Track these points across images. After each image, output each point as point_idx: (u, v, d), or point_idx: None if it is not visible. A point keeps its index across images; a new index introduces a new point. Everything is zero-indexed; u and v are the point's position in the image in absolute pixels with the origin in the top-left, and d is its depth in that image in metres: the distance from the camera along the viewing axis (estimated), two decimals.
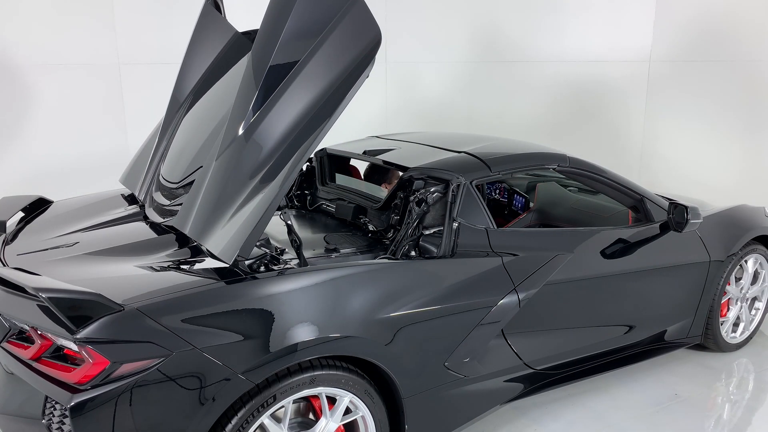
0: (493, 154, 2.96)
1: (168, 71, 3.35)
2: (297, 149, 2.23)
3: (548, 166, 3.04)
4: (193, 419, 1.94)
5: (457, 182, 2.67)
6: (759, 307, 3.85)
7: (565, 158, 3.08)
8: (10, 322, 2.07)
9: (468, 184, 2.68)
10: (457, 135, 3.60)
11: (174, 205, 2.65)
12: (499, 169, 2.87)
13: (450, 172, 2.74)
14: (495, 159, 2.91)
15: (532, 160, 3.05)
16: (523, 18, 5.99)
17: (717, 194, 4.57)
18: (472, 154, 2.95)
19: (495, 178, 2.88)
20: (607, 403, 3.19)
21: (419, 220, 2.65)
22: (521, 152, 3.08)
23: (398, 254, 2.59)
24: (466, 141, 3.24)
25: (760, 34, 4.84)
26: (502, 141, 3.35)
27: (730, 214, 3.64)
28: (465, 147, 3.06)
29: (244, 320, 2.05)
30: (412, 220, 2.65)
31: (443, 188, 2.70)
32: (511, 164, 2.97)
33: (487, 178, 2.84)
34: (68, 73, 4.93)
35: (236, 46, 2.79)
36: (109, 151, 5.16)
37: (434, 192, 2.68)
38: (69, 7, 4.85)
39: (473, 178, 2.76)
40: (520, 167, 3.02)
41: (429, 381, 2.47)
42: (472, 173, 2.77)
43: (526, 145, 3.24)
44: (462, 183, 2.67)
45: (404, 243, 2.62)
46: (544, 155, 3.08)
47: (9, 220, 2.84)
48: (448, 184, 2.68)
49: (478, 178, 2.78)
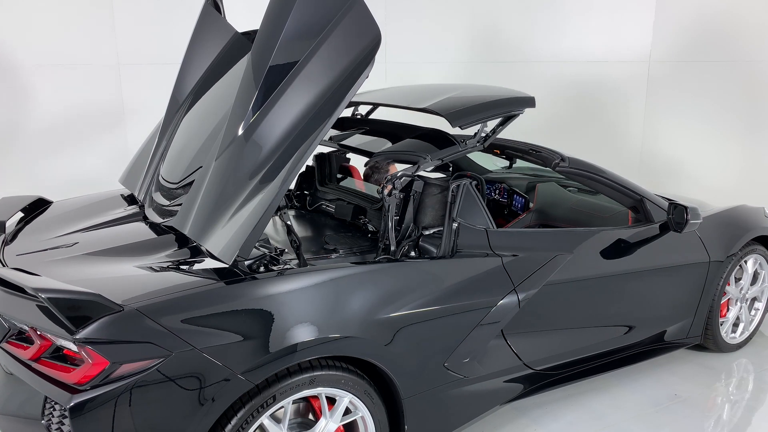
0: (452, 108, 2.70)
1: (168, 71, 3.35)
2: (297, 149, 2.23)
3: (516, 112, 2.81)
4: (192, 420, 1.94)
5: (457, 183, 2.67)
6: (759, 308, 3.85)
7: (533, 101, 2.84)
8: (10, 322, 2.07)
9: (468, 184, 2.68)
10: (420, 89, 3.36)
11: (173, 206, 2.65)
12: (461, 123, 2.63)
13: (415, 153, 2.68)
14: (455, 113, 2.66)
15: (498, 108, 2.78)
16: (523, 18, 5.99)
17: (717, 194, 4.57)
18: (431, 110, 2.74)
19: (461, 152, 2.73)
20: (607, 403, 3.19)
21: (401, 215, 2.62)
22: (482, 102, 2.80)
23: (397, 254, 2.59)
24: (428, 95, 2.98)
25: (760, 34, 4.84)
26: (468, 89, 3.10)
27: (729, 215, 3.64)
28: (425, 102, 2.84)
29: (244, 321, 2.05)
30: (391, 215, 2.58)
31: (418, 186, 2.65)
32: (473, 116, 2.69)
33: (454, 153, 2.71)
34: (68, 73, 4.93)
35: (236, 47, 2.79)
36: (108, 151, 5.17)
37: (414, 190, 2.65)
38: (69, 7, 4.85)
39: (440, 156, 2.68)
40: (483, 118, 2.73)
41: (429, 381, 2.47)
42: (437, 152, 2.68)
43: (494, 92, 2.98)
44: (462, 183, 2.67)
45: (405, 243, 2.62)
46: (511, 100, 2.83)
47: (8, 220, 2.84)
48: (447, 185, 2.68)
49: (445, 156, 2.70)
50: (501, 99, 2.84)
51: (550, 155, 3.10)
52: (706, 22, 5.12)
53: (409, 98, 3.10)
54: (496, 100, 2.82)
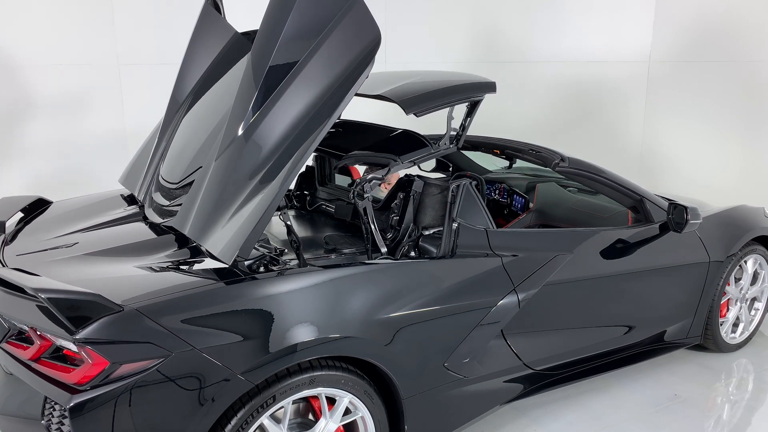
0: (406, 94, 2.59)
1: (168, 71, 3.35)
2: (297, 149, 2.23)
3: (477, 98, 2.70)
4: (192, 420, 1.94)
5: (456, 183, 2.66)
6: (758, 308, 3.85)
7: (494, 86, 2.74)
8: (10, 322, 2.07)
9: (468, 184, 2.68)
10: (378, 76, 3.13)
11: (173, 206, 2.65)
12: (415, 110, 2.52)
13: (385, 156, 2.64)
14: (409, 100, 2.55)
15: (454, 94, 2.67)
16: (523, 18, 5.99)
17: (717, 194, 4.57)
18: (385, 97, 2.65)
19: (434, 153, 2.67)
20: (607, 403, 3.19)
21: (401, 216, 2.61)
22: (438, 88, 2.69)
23: (397, 254, 2.59)
24: (385, 82, 2.85)
25: (760, 34, 4.84)
26: (428, 75, 3.00)
27: (729, 215, 3.64)
28: (380, 89, 2.72)
29: (244, 321, 2.05)
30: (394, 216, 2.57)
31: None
32: (427, 103, 2.57)
33: (427, 154, 2.66)
34: (68, 73, 4.93)
35: (236, 47, 2.79)
36: (108, 151, 5.16)
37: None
38: (69, 7, 4.85)
39: (411, 158, 2.64)
40: (439, 105, 2.61)
41: (429, 381, 2.47)
42: (408, 154, 2.64)
43: (452, 77, 2.86)
44: (462, 183, 2.67)
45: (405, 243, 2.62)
46: (468, 86, 2.72)
47: (8, 220, 2.84)
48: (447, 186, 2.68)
49: (416, 158, 2.66)
50: (457, 84, 2.74)
51: (550, 155, 3.10)
52: (706, 22, 5.11)
53: (365, 85, 2.92)
54: (453, 86, 2.72)
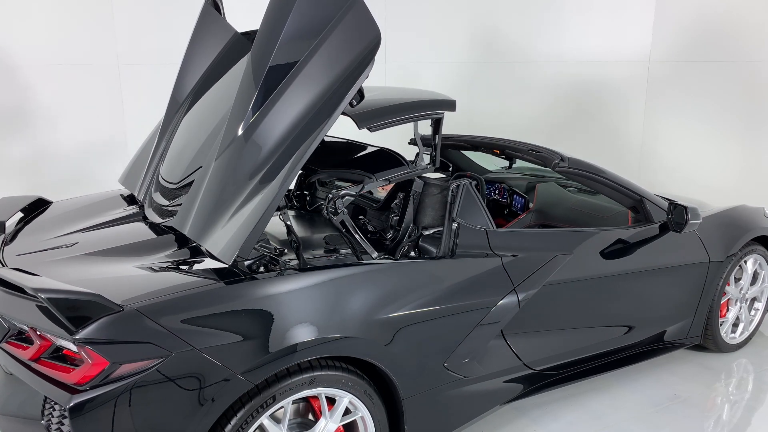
0: (360, 109, 2.53)
1: (168, 71, 3.35)
2: (297, 149, 2.23)
3: (435, 115, 2.68)
4: (192, 420, 1.94)
5: (456, 183, 2.67)
6: (758, 308, 3.85)
7: (453, 104, 2.71)
8: (10, 322, 2.07)
9: (468, 184, 2.68)
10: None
11: (173, 206, 2.65)
12: (368, 125, 2.48)
13: (360, 173, 2.65)
14: (363, 115, 2.50)
15: (410, 111, 2.64)
16: (523, 18, 5.99)
17: (716, 194, 4.57)
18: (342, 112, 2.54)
19: (410, 173, 2.65)
20: (607, 403, 3.19)
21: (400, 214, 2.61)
22: (393, 104, 2.65)
23: (397, 254, 2.59)
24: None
25: (760, 34, 4.84)
26: (388, 91, 2.93)
27: (729, 215, 3.64)
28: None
29: (244, 321, 2.05)
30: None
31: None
32: (381, 119, 2.53)
33: (403, 173, 2.64)
34: (68, 73, 4.93)
35: (236, 47, 2.79)
36: (108, 151, 5.17)
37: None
38: (69, 7, 4.85)
39: (387, 176, 2.63)
40: (393, 121, 2.57)
41: (428, 381, 2.47)
42: (384, 172, 2.64)
43: (412, 94, 2.83)
44: (462, 183, 2.67)
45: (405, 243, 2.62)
46: (426, 103, 2.69)
47: (8, 220, 2.84)
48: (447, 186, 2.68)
49: (391, 176, 2.65)
50: (414, 101, 2.73)
51: (549, 155, 3.10)
52: (706, 22, 5.12)
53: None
54: (409, 102, 2.72)
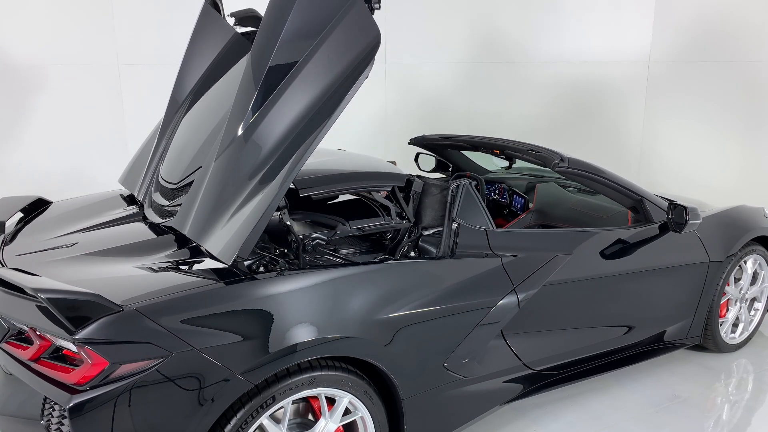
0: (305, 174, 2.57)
1: (167, 71, 3.35)
2: (297, 150, 2.23)
3: (383, 188, 2.75)
4: (192, 420, 1.94)
5: (456, 183, 2.67)
6: (758, 308, 3.85)
7: (403, 179, 2.75)
8: (9, 322, 2.07)
9: (467, 184, 2.68)
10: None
11: (173, 206, 2.65)
12: (308, 192, 2.51)
13: (334, 218, 2.71)
14: (305, 180, 2.54)
15: (352, 181, 2.72)
16: (523, 18, 6.00)
17: (716, 195, 4.57)
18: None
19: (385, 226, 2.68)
20: (607, 403, 3.19)
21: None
22: (337, 173, 2.74)
23: (397, 255, 2.58)
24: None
25: (760, 34, 4.84)
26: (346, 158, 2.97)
27: (729, 215, 3.64)
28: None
29: (244, 321, 2.04)
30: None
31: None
32: (321, 187, 2.58)
33: (377, 225, 2.69)
34: (68, 73, 4.92)
35: (236, 47, 2.79)
36: (108, 151, 5.16)
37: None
38: (69, 7, 4.85)
39: (360, 225, 2.66)
40: (333, 190, 2.66)
41: (428, 382, 2.47)
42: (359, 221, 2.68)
43: (366, 163, 2.89)
44: (462, 183, 2.67)
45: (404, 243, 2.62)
46: (376, 174, 2.77)
47: (8, 220, 2.84)
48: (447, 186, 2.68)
49: (364, 226, 2.68)
50: (358, 173, 2.78)
51: (549, 155, 3.11)
52: (706, 22, 5.12)
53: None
54: (357, 173, 2.76)
